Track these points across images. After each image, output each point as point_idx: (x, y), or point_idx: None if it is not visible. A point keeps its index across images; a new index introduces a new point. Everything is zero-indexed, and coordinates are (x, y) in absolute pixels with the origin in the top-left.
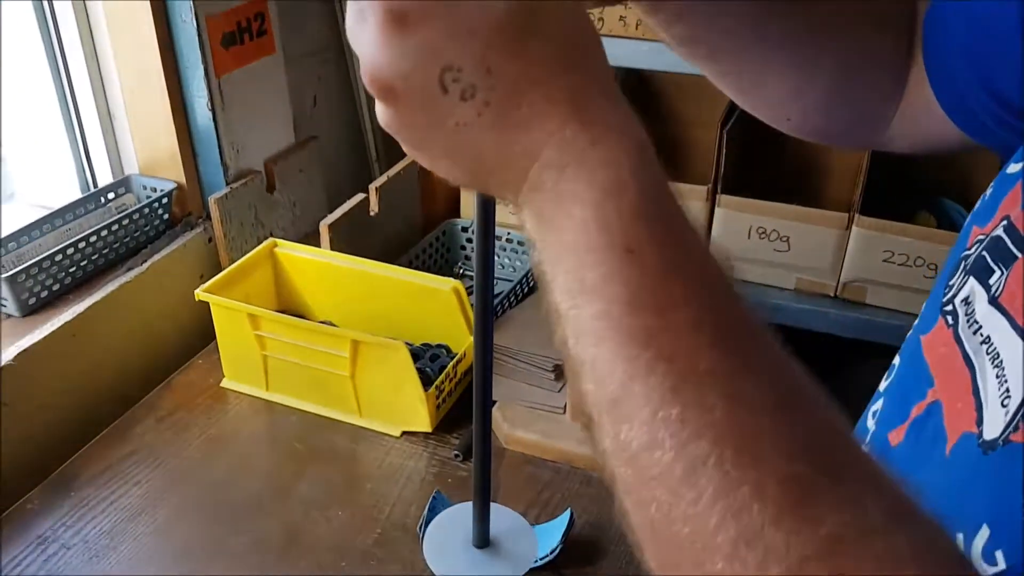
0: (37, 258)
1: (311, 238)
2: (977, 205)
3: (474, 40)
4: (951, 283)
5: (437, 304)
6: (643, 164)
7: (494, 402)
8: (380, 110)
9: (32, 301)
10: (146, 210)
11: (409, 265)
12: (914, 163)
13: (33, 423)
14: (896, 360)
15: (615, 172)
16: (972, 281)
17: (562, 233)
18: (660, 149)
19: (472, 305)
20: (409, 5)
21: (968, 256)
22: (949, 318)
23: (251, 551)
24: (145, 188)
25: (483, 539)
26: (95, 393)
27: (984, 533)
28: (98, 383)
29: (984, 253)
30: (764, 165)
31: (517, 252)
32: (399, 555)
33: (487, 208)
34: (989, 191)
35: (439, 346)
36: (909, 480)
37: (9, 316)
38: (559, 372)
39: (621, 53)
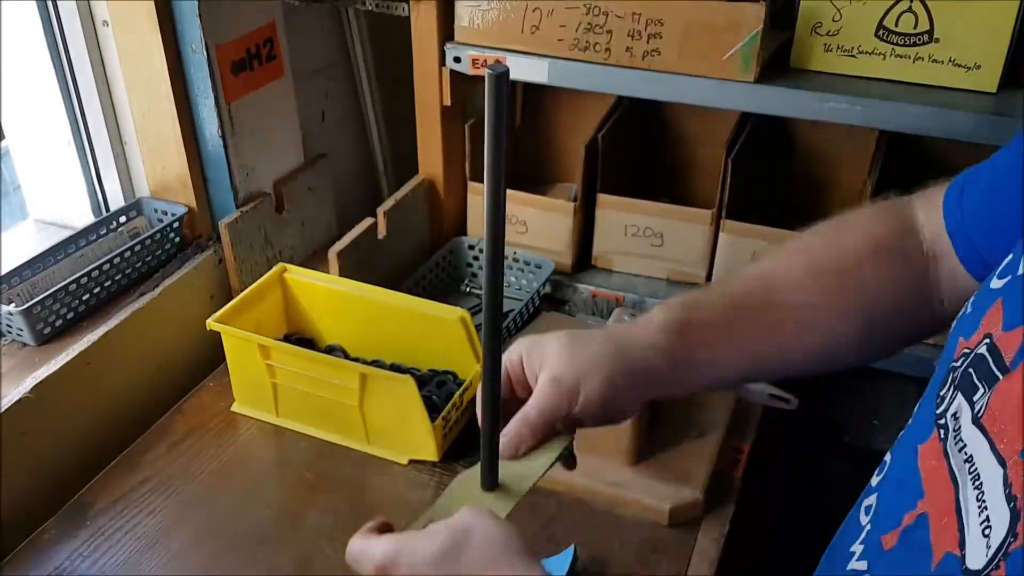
0: (52, 289)
1: (320, 255)
2: (960, 316)
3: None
4: (942, 394)
5: (444, 332)
6: None
7: None
8: None
9: (47, 331)
10: (158, 235)
11: (417, 284)
12: (919, 184)
13: (49, 452)
14: (888, 457)
15: None
16: (960, 397)
17: None
18: (666, 169)
19: (479, 334)
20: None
21: (956, 369)
22: (941, 431)
23: None
24: (156, 211)
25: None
26: (108, 419)
27: None
28: (111, 409)
29: (970, 369)
30: (770, 185)
31: (523, 271)
32: None
33: (497, 234)
34: (971, 305)
35: (446, 372)
36: None
37: (25, 345)
38: None
39: (627, 82)
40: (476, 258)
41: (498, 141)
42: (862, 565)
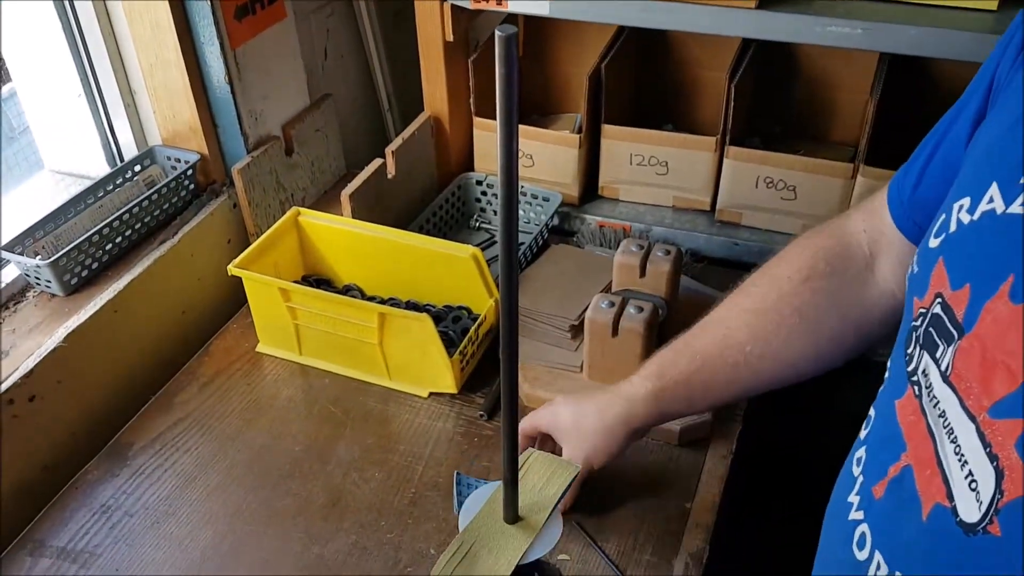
0: (77, 240)
1: (331, 196)
2: (909, 275)
3: None
4: (909, 352)
5: (457, 269)
6: None
7: None
8: None
9: (74, 281)
10: (173, 183)
11: (427, 222)
12: (920, 106)
13: (85, 397)
14: (872, 412)
15: None
16: (926, 355)
17: None
18: (671, 95)
19: (491, 269)
20: None
21: (917, 328)
22: (915, 388)
23: (298, 512)
24: (169, 159)
25: (513, 516)
26: (139, 363)
27: None
28: (141, 353)
29: (930, 329)
30: (773, 109)
31: (531, 204)
32: (433, 513)
33: (511, 167)
34: (916, 264)
35: (460, 308)
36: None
37: (53, 296)
38: (575, 332)
39: (628, 12)
40: (484, 193)
41: (510, 102)
42: (859, 515)
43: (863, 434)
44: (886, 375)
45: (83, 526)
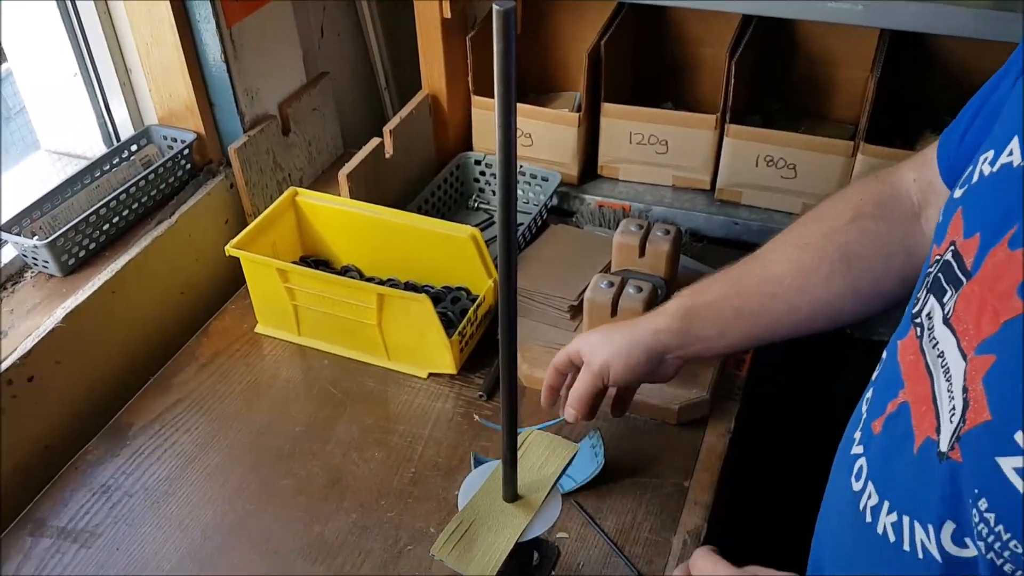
0: (74, 221)
1: (329, 175)
2: (935, 225)
3: None
4: (918, 296)
5: (456, 250)
6: None
7: None
8: None
9: (71, 262)
10: (170, 163)
11: (425, 202)
12: (921, 83)
13: (84, 378)
14: (884, 355)
15: None
16: (932, 299)
17: None
18: (670, 73)
19: (489, 250)
20: None
21: (930, 274)
22: (918, 330)
23: (298, 492)
24: (166, 139)
25: (512, 495)
26: (138, 344)
27: (950, 527)
28: (139, 334)
29: (939, 275)
30: (772, 88)
31: (530, 184)
32: (432, 493)
33: (509, 141)
34: (941, 215)
35: (459, 288)
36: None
37: (51, 277)
38: (574, 312)
39: None
40: (483, 173)
41: (508, 78)
42: (860, 449)
43: (874, 375)
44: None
45: (83, 506)
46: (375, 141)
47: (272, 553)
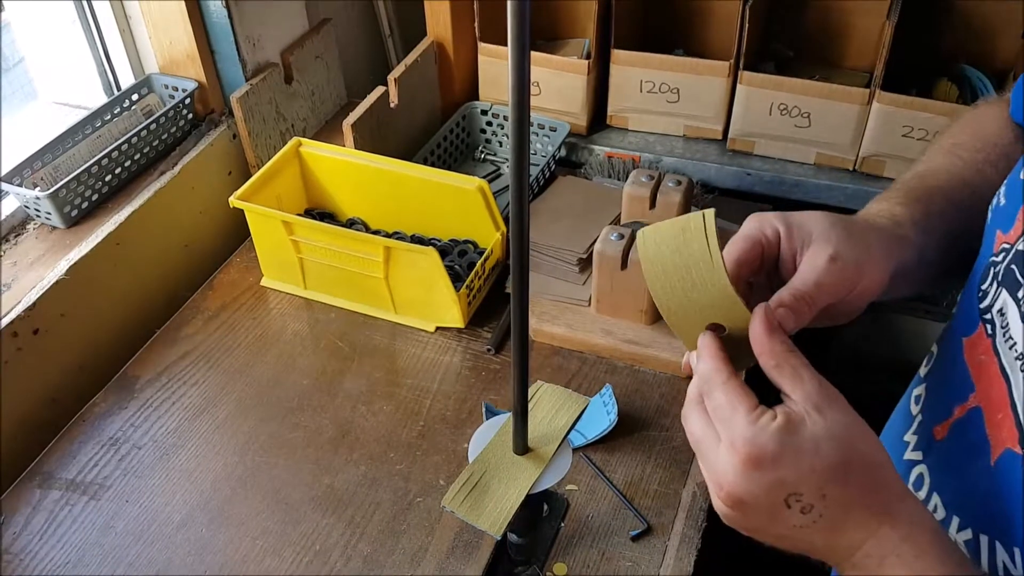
0: (76, 171)
1: (333, 126)
2: (992, 205)
3: (813, 476)
4: (984, 288)
5: (463, 202)
6: (942, 548)
7: None
8: (724, 511)
9: (74, 213)
10: (171, 112)
11: (431, 154)
12: (936, 30)
13: (89, 331)
14: (935, 348)
15: (925, 561)
16: (1004, 293)
17: None
18: (681, 19)
19: (497, 202)
20: (765, 452)
21: (997, 264)
22: (988, 327)
23: (307, 444)
24: (167, 88)
25: (522, 447)
26: (143, 297)
27: None
28: (144, 287)
29: (1012, 266)
30: (786, 34)
31: (538, 135)
32: (441, 446)
33: (523, 95)
34: (1004, 196)
35: (466, 241)
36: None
37: (54, 228)
38: (583, 265)
39: None
40: (490, 123)
41: (522, 16)
42: (917, 455)
43: (923, 371)
44: (954, 309)
45: (92, 458)
46: (380, 90)
47: (283, 504)
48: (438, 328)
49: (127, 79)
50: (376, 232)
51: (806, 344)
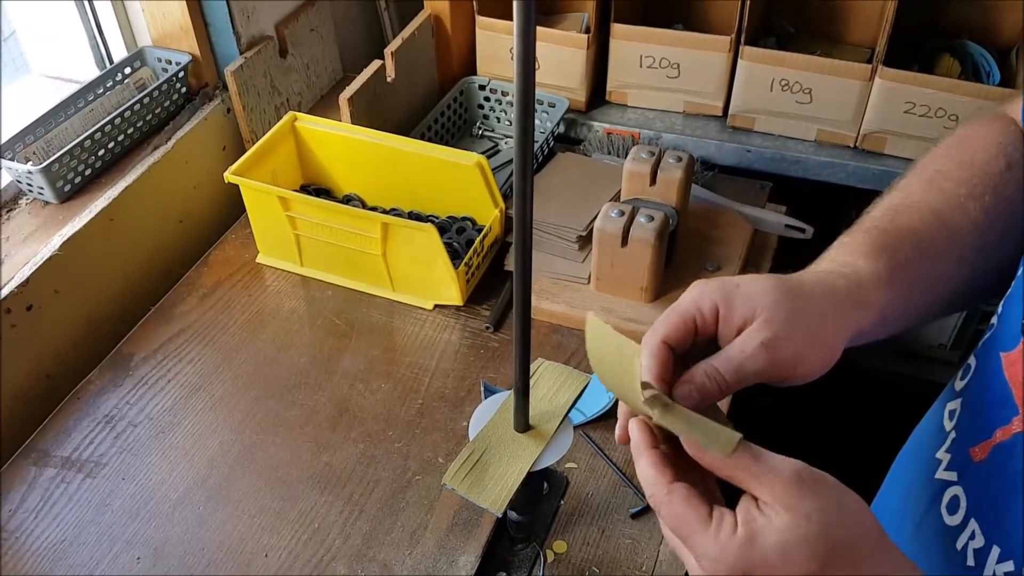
0: (68, 146)
1: (328, 100)
2: None
3: None
4: None
5: (461, 178)
6: None
7: None
8: None
9: (67, 188)
10: (165, 86)
11: (429, 129)
12: (938, 6)
13: (83, 307)
14: (972, 361)
15: None
16: None
17: None
18: None
19: (496, 179)
20: (734, 571)
21: None
22: None
23: (306, 422)
24: (160, 61)
25: (523, 425)
26: (137, 273)
27: None
28: (139, 263)
29: None
30: (787, 9)
31: (536, 111)
32: (440, 424)
33: (528, 74)
34: None
35: (464, 218)
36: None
37: (47, 204)
38: (583, 243)
39: None
40: (488, 99)
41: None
42: (951, 475)
43: (959, 384)
44: (992, 321)
45: (87, 436)
46: (376, 63)
47: (280, 482)
48: (436, 306)
49: (120, 52)
50: (373, 208)
51: None
